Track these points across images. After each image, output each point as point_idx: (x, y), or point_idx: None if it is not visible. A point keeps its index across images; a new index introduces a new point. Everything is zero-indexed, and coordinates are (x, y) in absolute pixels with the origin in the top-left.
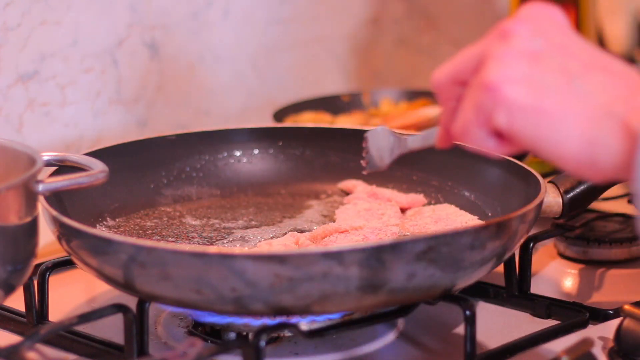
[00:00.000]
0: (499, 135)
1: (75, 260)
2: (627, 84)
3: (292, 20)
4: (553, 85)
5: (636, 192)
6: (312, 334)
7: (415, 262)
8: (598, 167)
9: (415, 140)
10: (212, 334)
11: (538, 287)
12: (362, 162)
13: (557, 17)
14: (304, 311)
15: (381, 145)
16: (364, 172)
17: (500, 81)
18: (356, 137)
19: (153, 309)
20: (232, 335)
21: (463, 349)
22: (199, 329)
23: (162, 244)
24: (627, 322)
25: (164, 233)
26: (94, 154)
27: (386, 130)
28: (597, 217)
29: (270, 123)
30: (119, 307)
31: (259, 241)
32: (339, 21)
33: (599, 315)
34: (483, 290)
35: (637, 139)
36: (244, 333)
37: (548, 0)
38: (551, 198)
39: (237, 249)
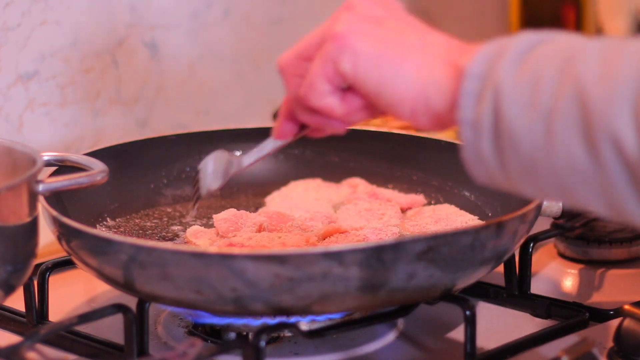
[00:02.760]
0: (342, 93)
1: (75, 260)
2: (460, 46)
3: (292, 20)
4: (394, 41)
5: (461, 120)
6: (312, 334)
7: (415, 262)
8: (431, 108)
9: (250, 156)
10: (212, 334)
11: (538, 287)
12: (196, 192)
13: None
14: (304, 311)
15: (216, 167)
16: (200, 197)
17: (346, 32)
18: (356, 137)
19: (153, 309)
20: (232, 335)
21: (463, 349)
22: (199, 329)
23: (162, 244)
24: (627, 322)
25: (163, 233)
26: (94, 154)
27: (222, 153)
28: (597, 217)
29: (270, 123)
30: (119, 307)
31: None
32: None
33: (599, 315)
34: (483, 290)
35: (463, 73)
36: (244, 333)
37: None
38: None
39: (237, 249)
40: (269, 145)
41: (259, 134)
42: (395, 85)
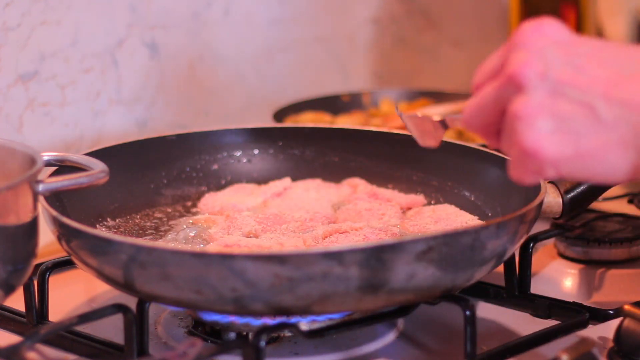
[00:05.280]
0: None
1: (75, 260)
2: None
3: (292, 20)
4: (582, 125)
5: None
6: (312, 334)
7: (415, 262)
8: None
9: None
10: (212, 334)
11: (538, 287)
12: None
13: (555, 32)
14: (304, 311)
15: (423, 129)
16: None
17: (536, 144)
18: (356, 137)
19: (153, 308)
20: (232, 335)
21: (463, 349)
22: (199, 329)
23: (162, 244)
24: (627, 322)
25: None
26: (94, 154)
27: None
28: (597, 217)
29: (270, 123)
30: (119, 307)
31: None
32: (339, 21)
33: (599, 315)
34: (483, 290)
35: None
36: (244, 333)
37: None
38: (551, 198)
39: (237, 249)
40: None
41: (259, 134)
42: (604, 174)
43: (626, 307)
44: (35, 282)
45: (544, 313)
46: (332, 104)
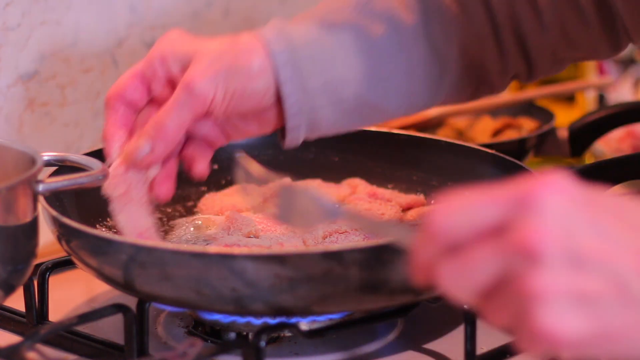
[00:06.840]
0: None
1: (75, 260)
2: None
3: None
4: (610, 303)
5: None
6: (312, 334)
7: None
8: None
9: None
10: (212, 334)
11: None
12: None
13: (569, 187)
14: (304, 311)
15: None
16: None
17: (554, 328)
18: (356, 137)
19: (153, 308)
20: (232, 335)
21: (463, 349)
22: (199, 329)
23: (162, 244)
24: None
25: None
26: (94, 154)
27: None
28: None
29: None
30: (119, 307)
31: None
32: None
33: None
34: None
35: None
36: (244, 333)
37: None
38: None
39: (237, 249)
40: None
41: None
42: (632, 354)
43: None
44: (35, 282)
45: None
46: None
